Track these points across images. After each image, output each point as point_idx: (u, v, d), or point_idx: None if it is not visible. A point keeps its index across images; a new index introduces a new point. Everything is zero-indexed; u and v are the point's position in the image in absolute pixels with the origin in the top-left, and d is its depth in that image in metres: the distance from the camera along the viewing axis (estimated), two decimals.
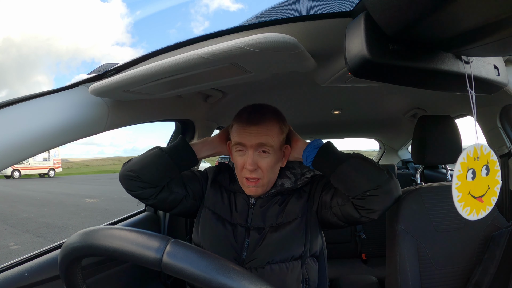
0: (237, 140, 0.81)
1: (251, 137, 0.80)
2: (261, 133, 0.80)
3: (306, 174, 0.89)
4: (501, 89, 0.62)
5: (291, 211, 0.84)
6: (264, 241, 0.82)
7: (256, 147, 0.80)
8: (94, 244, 0.42)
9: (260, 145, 0.80)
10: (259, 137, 0.80)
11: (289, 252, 0.81)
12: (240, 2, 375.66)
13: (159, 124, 1.34)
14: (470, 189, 0.50)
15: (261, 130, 0.80)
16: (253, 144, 0.80)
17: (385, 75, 0.52)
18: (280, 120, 0.85)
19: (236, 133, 0.82)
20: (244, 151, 0.82)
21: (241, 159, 0.82)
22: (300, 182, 0.88)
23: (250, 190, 0.84)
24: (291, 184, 0.87)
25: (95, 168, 32.14)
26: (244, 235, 0.84)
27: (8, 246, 4.55)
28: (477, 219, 0.51)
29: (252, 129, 0.80)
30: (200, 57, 0.51)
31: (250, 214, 0.85)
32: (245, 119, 0.82)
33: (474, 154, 0.50)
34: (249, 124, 0.81)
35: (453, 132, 1.13)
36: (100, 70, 0.71)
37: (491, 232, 1.02)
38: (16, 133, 0.56)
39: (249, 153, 0.80)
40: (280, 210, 0.85)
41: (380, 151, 3.25)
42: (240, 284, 0.37)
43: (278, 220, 0.84)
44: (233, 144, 0.84)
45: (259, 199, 0.86)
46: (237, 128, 0.82)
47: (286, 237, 0.81)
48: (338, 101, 1.57)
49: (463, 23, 0.39)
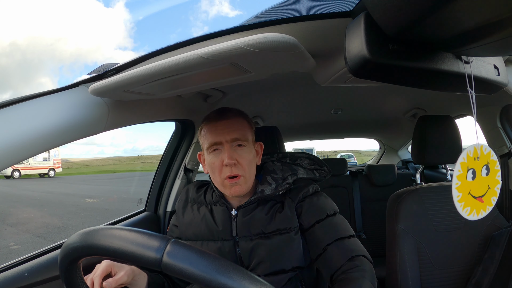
0: (212, 140, 0.79)
1: (224, 133, 0.78)
2: (232, 127, 0.79)
3: (288, 179, 0.84)
4: (501, 89, 0.62)
5: (283, 221, 0.80)
6: (258, 251, 0.79)
7: (231, 142, 0.79)
8: (94, 244, 0.42)
9: (234, 139, 0.79)
10: (232, 132, 0.79)
11: (284, 263, 0.78)
12: (239, 9, 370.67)
13: (159, 124, 1.34)
14: (470, 189, 0.50)
15: (231, 125, 0.79)
16: (228, 139, 0.78)
17: (385, 75, 0.52)
18: (246, 116, 0.86)
19: (208, 134, 0.80)
20: (219, 149, 0.79)
21: (218, 159, 0.79)
22: (281, 188, 0.82)
23: (234, 189, 0.78)
24: (271, 191, 0.81)
25: (95, 168, 32.14)
26: (233, 249, 0.81)
27: (8, 246, 4.55)
28: (477, 219, 0.51)
29: (223, 124, 0.79)
30: (200, 57, 0.51)
31: (234, 227, 0.81)
32: (213, 117, 0.81)
33: (474, 154, 0.50)
34: (219, 119, 0.80)
35: (453, 132, 1.13)
36: (100, 70, 0.71)
37: (491, 232, 1.02)
38: (16, 133, 0.56)
39: (226, 148, 0.78)
40: (269, 219, 0.80)
41: (380, 151, 3.25)
42: (240, 284, 0.37)
43: (268, 229, 0.80)
44: (207, 147, 0.80)
45: (240, 209, 0.82)
46: (208, 128, 0.81)
47: (279, 247, 0.78)
48: (338, 101, 1.57)
49: (463, 23, 0.39)
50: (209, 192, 0.89)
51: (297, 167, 0.88)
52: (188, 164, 1.45)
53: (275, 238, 0.79)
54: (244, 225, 0.81)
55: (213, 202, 0.86)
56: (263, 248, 0.78)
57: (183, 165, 1.44)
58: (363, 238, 2.06)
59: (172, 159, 1.44)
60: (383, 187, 2.15)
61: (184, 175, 1.45)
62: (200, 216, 0.85)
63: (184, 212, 0.89)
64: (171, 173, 1.44)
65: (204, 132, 0.82)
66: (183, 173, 1.44)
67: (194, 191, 0.92)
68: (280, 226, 0.80)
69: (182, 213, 0.89)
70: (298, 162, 0.90)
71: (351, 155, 17.24)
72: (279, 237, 0.79)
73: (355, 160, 15.10)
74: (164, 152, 1.48)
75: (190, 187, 0.94)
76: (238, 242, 0.81)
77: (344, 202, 2.14)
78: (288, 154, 0.93)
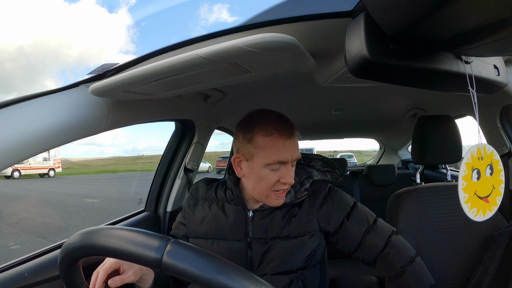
0: (279, 159, 0.72)
1: (292, 154, 0.73)
2: (297, 146, 0.75)
3: (304, 183, 0.83)
4: (501, 89, 0.62)
5: (298, 226, 0.79)
6: (270, 253, 0.78)
7: (293, 161, 0.76)
8: (94, 244, 0.42)
9: (296, 158, 0.76)
10: (296, 152, 0.75)
11: (291, 265, 0.78)
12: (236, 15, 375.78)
13: (159, 124, 1.34)
14: (476, 189, 0.49)
15: (297, 144, 0.75)
16: (293, 160, 0.74)
17: (385, 75, 0.52)
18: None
19: (274, 149, 0.72)
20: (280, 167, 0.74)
21: (275, 176, 0.73)
22: (300, 195, 0.81)
23: (279, 201, 0.77)
24: (290, 199, 0.80)
25: (95, 168, 32.13)
26: (245, 250, 0.79)
27: (8, 246, 4.55)
28: (483, 220, 0.51)
29: (293, 143, 0.74)
30: (200, 57, 0.51)
31: (250, 229, 0.80)
32: (284, 132, 0.73)
33: (478, 154, 0.50)
34: (290, 137, 0.73)
35: (453, 132, 1.13)
36: (100, 70, 0.71)
37: (491, 232, 1.02)
38: (16, 133, 0.56)
39: (289, 168, 0.74)
40: (284, 224, 0.79)
41: (380, 151, 3.25)
42: (240, 284, 0.37)
43: (283, 233, 0.79)
44: (270, 162, 0.72)
45: (256, 212, 0.81)
46: (276, 143, 0.72)
47: (291, 250, 0.78)
48: (338, 101, 1.57)
49: (463, 23, 0.39)
50: (220, 189, 0.86)
51: (311, 169, 0.88)
52: (188, 164, 1.45)
53: (288, 241, 0.79)
54: (260, 228, 0.79)
55: (226, 199, 0.84)
56: (275, 251, 0.78)
57: (183, 165, 1.45)
58: None
59: (172, 159, 1.44)
60: (383, 187, 2.15)
61: (184, 175, 1.45)
62: (212, 214, 0.83)
63: (195, 210, 0.87)
64: (171, 173, 1.44)
65: (269, 146, 0.72)
66: (183, 173, 1.44)
67: (204, 188, 0.89)
68: (295, 230, 0.79)
69: (193, 211, 0.87)
70: (312, 164, 0.90)
71: (351, 155, 17.26)
72: (293, 241, 0.79)
73: (355, 160, 15.11)
74: (164, 152, 1.48)
75: (199, 184, 0.92)
76: (251, 243, 0.80)
77: None
78: (302, 155, 0.91)
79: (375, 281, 1.62)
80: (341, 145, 49.05)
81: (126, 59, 0.71)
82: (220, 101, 1.26)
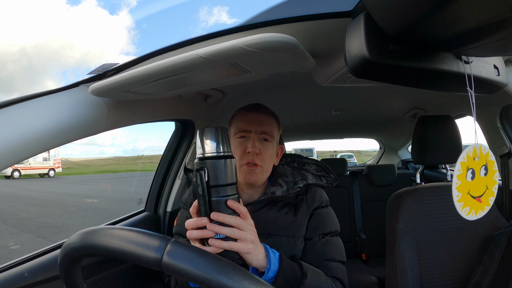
0: (242, 127, 0.83)
1: (255, 124, 0.82)
2: (264, 122, 0.83)
3: (298, 183, 0.86)
4: (501, 89, 0.62)
5: (291, 226, 0.81)
6: None
7: (259, 134, 0.82)
8: (94, 244, 0.42)
9: (263, 132, 0.82)
10: (262, 125, 0.82)
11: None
12: (236, 17, 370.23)
13: (159, 124, 1.34)
14: (469, 189, 0.50)
15: (263, 119, 0.84)
16: (257, 130, 0.82)
17: (385, 75, 0.52)
18: (278, 119, 0.88)
19: (239, 121, 0.84)
20: (246, 137, 0.82)
21: (242, 146, 0.82)
22: (292, 191, 0.84)
23: (250, 176, 0.80)
24: (282, 193, 0.83)
25: (95, 168, 32.13)
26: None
27: (8, 246, 4.55)
28: (475, 219, 0.51)
29: (257, 116, 0.83)
30: (200, 57, 0.51)
31: None
32: (249, 108, 0.86)
33: (474, 154, 0.50)
34: (254, 111, 0.84)
35: (453, 132, 1.13)
36: (100, 70, 0.71)
37: (491, 232, 1.02)
38: (16, 133, 0.56)
39: (252, 137, 0.81)
40: (274, 220, 0.81)
41: (380, 151, 3.25)
42: (240, 284, 0.37)
43: (268, 230, 0.80)
44: (236, 132, 0.84)
45: (248, 205, 0.82)
46: (241, 116, 0.85)
47: (279, 248, 0.76)
48: (338, 101, 1.57)
49: (463, 23, 0.39)
50: None
51: (306, 173, 0.90)
52: (188, 164, 1.45)
53: (277, 238, 0.79)
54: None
55: None
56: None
57: (183, 165, 1.45)
58: (363, 238, 2.06)
59: (172, 159, 1.45)
60: (383, 187, 2.15)
61: (184, 175, 1.45)
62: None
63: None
64: (171, 173, 1.44)
65: (236, 119, 0.86)
66: (183, 173, 1.44)
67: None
68: (287, 229, 0.80)
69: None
70: (306, 168, 0.92)
71: (351, 155, 17.26)
72: (282, 238, 0.79)
73: (355, 160, 15.11)
74: (164, 152, 1.48)
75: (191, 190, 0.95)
76: None
77: (344, 202, 2.13)
78: (296, 158, 0.94)
79: (375, 281, 1.62)
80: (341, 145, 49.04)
81: (126, 60, 0.71)
82: (220, 101, 1.26)
